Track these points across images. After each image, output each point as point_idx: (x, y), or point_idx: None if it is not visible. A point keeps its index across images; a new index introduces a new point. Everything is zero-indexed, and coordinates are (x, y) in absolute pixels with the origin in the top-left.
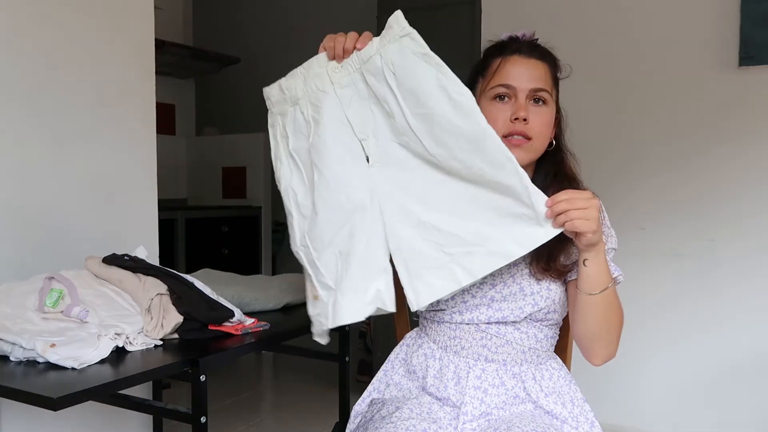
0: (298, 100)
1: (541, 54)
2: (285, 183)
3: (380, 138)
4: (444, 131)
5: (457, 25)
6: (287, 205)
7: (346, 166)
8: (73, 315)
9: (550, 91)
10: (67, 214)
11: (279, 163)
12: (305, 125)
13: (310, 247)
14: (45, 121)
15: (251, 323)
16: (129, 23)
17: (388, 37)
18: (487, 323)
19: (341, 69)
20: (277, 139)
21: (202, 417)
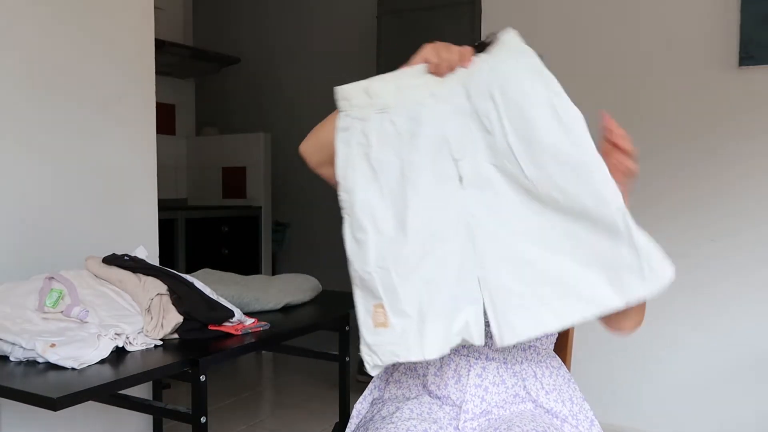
0: (388, 108)
1: None
2: (361, 194)
3: (477, 158)
4: (548, 156)
5: (457, 25)
6: (360, 219)
7: (441, 187)
8: (73, 315)
9: None
10: (67, 214)
11: (351, 171)
12: (396, 137)
13: (391, 270)
14: (45, 121)
15: (251, 323)
16: (129, 23)
17: (500, 52)
18: (488, 323)
19: (443, 83)
20: (351, 144)
21: (202, 417)
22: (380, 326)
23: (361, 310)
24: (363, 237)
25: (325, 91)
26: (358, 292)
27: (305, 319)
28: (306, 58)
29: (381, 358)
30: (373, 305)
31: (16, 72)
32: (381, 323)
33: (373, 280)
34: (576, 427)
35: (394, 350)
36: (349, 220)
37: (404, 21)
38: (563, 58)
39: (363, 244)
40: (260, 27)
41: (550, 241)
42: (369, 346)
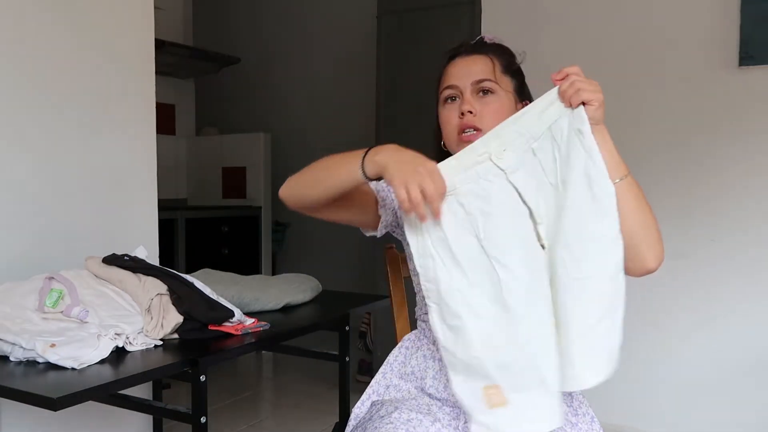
0: (453, 190)
1: (484, 49)
2: (446, 283)
3: (550, 216)
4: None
5: (457, 25)
6: (453, 306)
7: (529, 257)
8: (73, 315)
9: (495, 80)
10: (67, 214)
11: (430, 261)
12: (467, 218)
13: (500, 349)
14: (45, 121)
15: (251, 323)
16: (129, 23)
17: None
18: None
19: (507, 153)
20: (422, 232)
21: (201, 417)
22: (497, 406)
23: (467, 395)
24: (459, 324)
25: (325, 90)
26: (459, 378)
27: (305, 319)
28: (306, 58)
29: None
30: (482, 388)
31: (15, 72)
32: (497, 404)
33: (482, 363)
34: (576, 425)
35: (519, 424)
36: (438, 308)
37: (404, 21)
38: (562, 58)
39: (461, 331)
40: (260, 27)
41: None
42: (487, 426)
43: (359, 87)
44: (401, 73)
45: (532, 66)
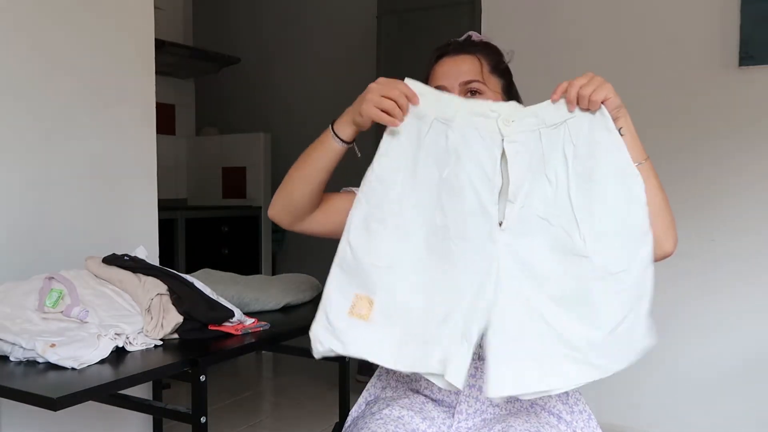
0: (450, 120)
1: (472, 48)
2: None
3: (525, 206)
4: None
5: (457, 25)
6: (383, 212)
7: (476, 220)
8: (73, 315)
9: (483, 80)
10: (66, 214)
11: (388, 161)
12: (444, 152)
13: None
14: (45, 121)
15: (251, 323)
16: (129, 23)
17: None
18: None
19: (515, 124)
20: (400, 136)
21: (202, 417)
22: (357, 317)
23: (336, 293)
24: (379, 229)
25: (325, 90)
26: (340, 275)
27: (305, 319)
28: (306, 58)
29: (341, 345)
30: (355, 294)
31: (15, 71)
32: (360, 315)
33: (374, 274)
34: (571, 424)
35: (363, 347)
36: (367, 207)
37: (404, 21)
38: (562, 58)
39: (376, 236)
40: (260, 27)
41: (568, 303)
42: (334, 330)
43: (359, 87)
44: (401, 73)
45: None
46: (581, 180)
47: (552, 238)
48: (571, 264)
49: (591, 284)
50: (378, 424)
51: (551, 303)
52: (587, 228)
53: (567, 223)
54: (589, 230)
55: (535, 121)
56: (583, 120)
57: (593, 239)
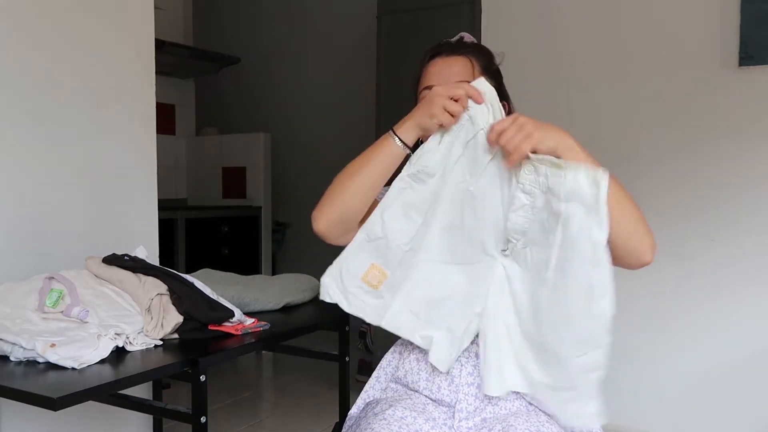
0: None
1: (463, 50)
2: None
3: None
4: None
5: (457, 25)
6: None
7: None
8: (73, 315)
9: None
10: (67, 214)
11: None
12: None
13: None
14: (45, 121)
15: (251, 323)
16: (129, 23)
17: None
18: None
19: (531, 176)
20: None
21: (202, 417)
22: (367, 284)
23: (354, 257)
24: (414, 217)
25: (325, 90)
26: (365, 244)
27: (305, 319)
28: (306, 58)
29: (347, 303)
30: (372, 264)
31: (15, 72)
32: (370, 283)
33: (398, 253)
34: None
35: (363, 309)
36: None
37: (404, 21)
38: (563, 58)
39: (410, 222)
40: (260, 27)
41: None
42: (344, 288)
43: (359, 87)
44: (401, 73)
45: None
46: (558, 271)
47: (531, 289)
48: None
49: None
50: (381, 425)
51: (520, 336)
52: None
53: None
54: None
55: (546, 184)
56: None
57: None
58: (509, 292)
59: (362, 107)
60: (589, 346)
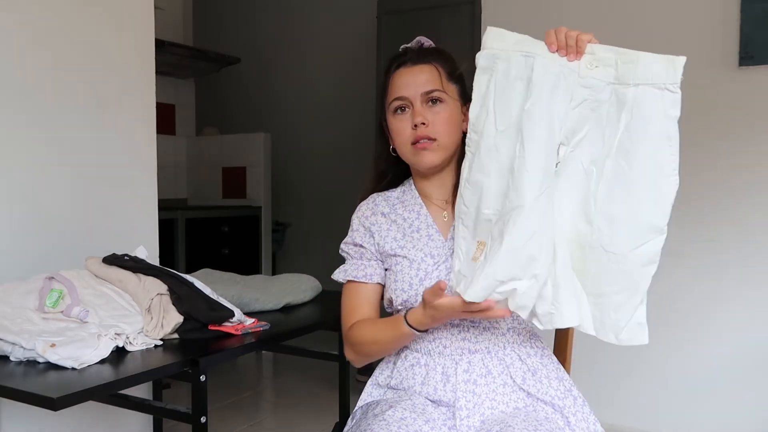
0: (535, 54)
1: (427, 57)
2: (490, 140)
3: (574, 152)
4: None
5: (457, 25)
6: (486, 162)
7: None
8: (73, 315)
9: (442, 89)
10: (66, 214)
11: (484, 114)
12: (527, 83)
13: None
14: (45, 121)
15: (251, 323)
16: (129, 23)
17: (650, 77)
18: (461, 318)
19: (597, 70)
20: (489, 85)
21: (202, 417)
22: (474, 260)
23: (463, 244)
24: (484, 180)
25: (325, 91)
26: (463, 229)
27: (305, 319)
28: (306, 58)
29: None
30: (477, 241)
31: (15, 72)
32: (475, 258)
33: (487, 221)
34: (563, 410)
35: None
36: (471, 158)
37: (404, 21)
38: None
39: (482, 186)
40: (260, 27)
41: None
42: (464, 275)
43: (359, 87)
44: None
45: None
46: (620, 156)
47: (581, 194)
48: (581, 225)
49: (588, 252)
50: (381, 425)
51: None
52: (602, 204)
53: (593, 189)
54: (602, 207)
55: (614, 74)
56: (651, 94)
57: (602, 217)
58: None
59: (362, 107)
60: (651, 233)
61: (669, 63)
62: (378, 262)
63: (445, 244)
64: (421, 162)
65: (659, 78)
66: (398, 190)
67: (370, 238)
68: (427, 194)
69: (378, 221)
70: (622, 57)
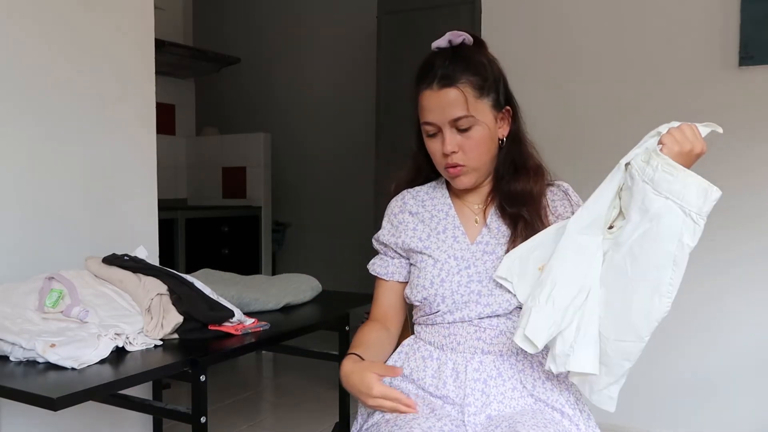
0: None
1: (455, 76)
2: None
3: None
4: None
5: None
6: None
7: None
8: (73, 315)
9: (468, 113)
10: (66, 214)
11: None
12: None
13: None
14: (45, 121)
15: (251, 323)
16: (130, 24)
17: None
18: (479, 318)
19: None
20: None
21: (201, 417)
22: None
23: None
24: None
25: (325, 90)
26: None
27: (305, 319)
28: (306, 58)
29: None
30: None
31: (14, 71)
32: None
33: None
34: (573, 418)
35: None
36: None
37: (404, 21)
38: (562, 58)
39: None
40: (260, 27)
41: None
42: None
43: (359, 87)
44: (401, 73)
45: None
46: (628, 254)
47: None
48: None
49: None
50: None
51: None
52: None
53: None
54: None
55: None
56: (674, 214)
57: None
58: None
59: (362, 107)
60: (632, 336)
61: (703, 191)
62: (402, 260)
63: (470, 248)
64: (455, 184)
65: (689, 202)
66: (429, 186)
67: (396, 237)
68: (459, 195)
69: (405, 220)
70: (665, 164)
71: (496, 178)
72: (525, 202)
